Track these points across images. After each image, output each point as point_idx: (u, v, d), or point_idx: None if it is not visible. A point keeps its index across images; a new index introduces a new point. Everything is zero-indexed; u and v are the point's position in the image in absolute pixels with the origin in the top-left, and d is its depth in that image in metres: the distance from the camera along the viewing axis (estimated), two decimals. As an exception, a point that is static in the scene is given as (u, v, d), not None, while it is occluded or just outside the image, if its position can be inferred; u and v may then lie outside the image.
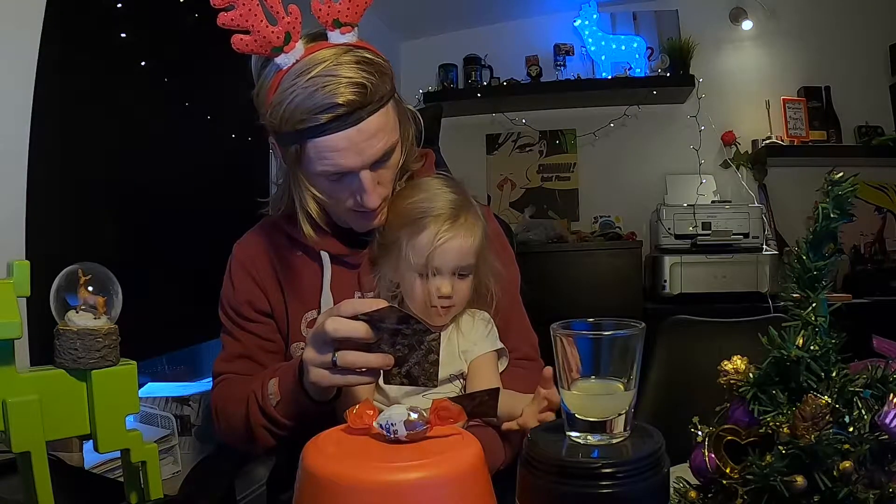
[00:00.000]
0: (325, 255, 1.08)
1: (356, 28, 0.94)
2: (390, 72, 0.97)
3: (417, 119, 1.08)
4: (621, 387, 0.61)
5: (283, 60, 0.91)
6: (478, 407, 0.75)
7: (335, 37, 0.93)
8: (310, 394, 0.92)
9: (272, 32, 0.90)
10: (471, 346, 1.05)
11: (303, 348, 1.08)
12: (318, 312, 1.07)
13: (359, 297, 1.09)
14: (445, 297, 1.01)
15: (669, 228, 2.87)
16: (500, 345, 1.07)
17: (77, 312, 0.75)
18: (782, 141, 3.05)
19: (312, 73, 0.89)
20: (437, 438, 0.61)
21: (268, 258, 1.11)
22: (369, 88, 0.90)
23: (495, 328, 1.09)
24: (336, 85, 0.89)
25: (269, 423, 0.98)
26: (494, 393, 0.76)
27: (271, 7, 0.90)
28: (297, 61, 0.91)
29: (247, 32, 0.89)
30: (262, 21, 0.89)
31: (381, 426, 0.60)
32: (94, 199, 1.55)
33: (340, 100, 0.88)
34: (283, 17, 0.90)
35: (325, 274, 1.08)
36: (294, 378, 0.93)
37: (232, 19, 0.88)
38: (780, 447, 0.54)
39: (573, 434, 0.62)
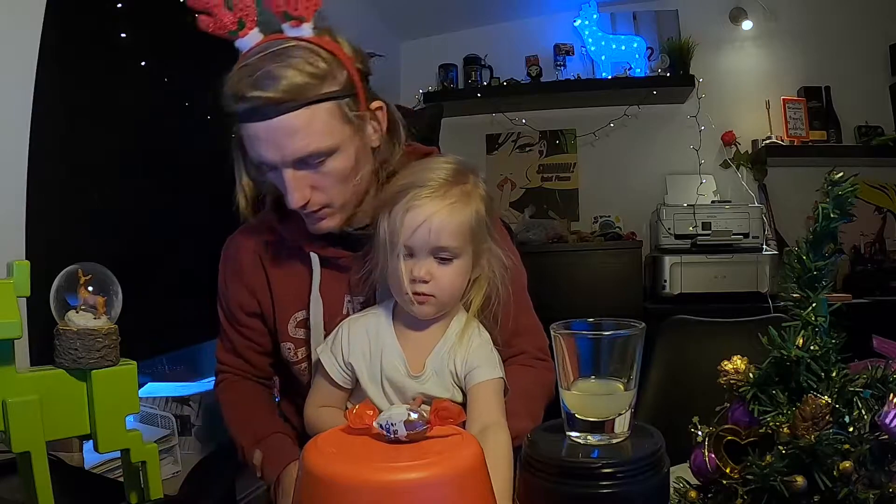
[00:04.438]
0: (314, 257, 1.05)
1: (308, 23, 0.94)
2: (338, 71, 0.93)
3: (399, 128, 1.05)
4: (621, 387, 0.61)
5: (240, 44, 0.94)
6: None
7: (288, 29, 0.94)
8: None
9: (227, 17, 0.94)
10: (474, 362, 0.94)
11: (289, 349, 1.08)
12: (307, 313, 1.06)
13: (348, 301, 1.07)
14: (421, 282, 0.89)
15: (669, 228, 2.87)
16: (502, 373, 0.96)
17: (77, 312, 0.75)
18: (782, 141, 3.05)
19: (246, 62, 0.90)
20: (437, 438, 0.61)
21: (258, 258, 1.10)
22: (289, 86, 0.88)
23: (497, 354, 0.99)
24: (254, 78, 0.88)
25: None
26: None
27: None
28: (252, 48, 0.92)
29: (209, 14, 0.94)
30: (220, 5, 0.94)
31: (381, 426, 0.60)
32: (93, 199, 1.55)
33: (249, 93, 0.88)
34: (237, 4, 0.94)
35: (315, 276, 1.05)
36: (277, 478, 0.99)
37: (197, 0, 0.93)
38: (780, 447, 0.54)
39: (573, 434, 0.62)
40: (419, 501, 0.52)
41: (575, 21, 3.17)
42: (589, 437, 0.61)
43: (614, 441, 0.60)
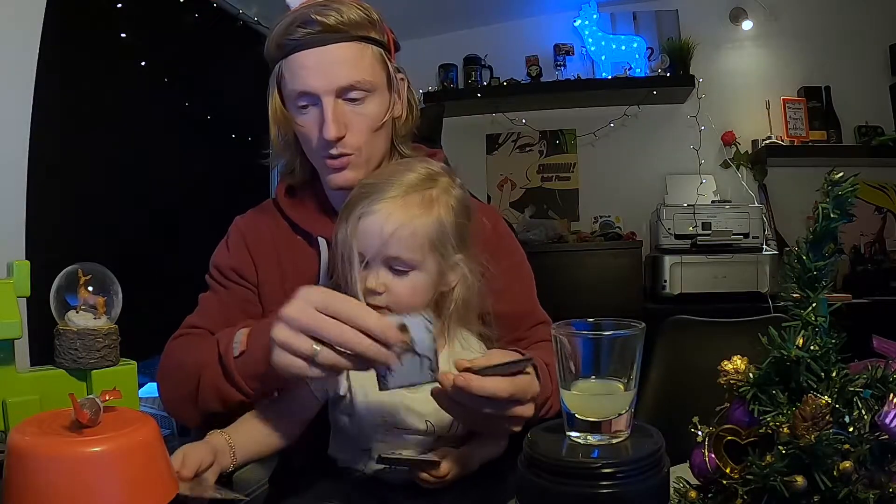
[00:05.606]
0: (322, 241, 1.07)
1: None
2: (381, 28, 1.03)
3: (415, 107, 1.11)
4: (621, 387, 0.61)
5: (291, 1, 1.00)
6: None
7: None
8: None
9: None
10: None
11: None
12: None
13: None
14: (374, 294, 0.84)
15: (669, 228, 2.87)
16: None
17: (77, 312, 0.75)
18: (782, 141, 3.05)
19: (308, 3, 0.97)
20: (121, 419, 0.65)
21: (269, 235, 1.11)
22: (348, 19, 0.96)
23: None
24: (319, 7, 0.96)
25: (224, 376, 0.87)
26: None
27: None
28: (302, 3, 0.98)
29: None
30: None
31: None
32: (93, 200, 1.55)
33: (316, 17, 0.95)
34: None
35: (322, 259, 1.06)
36: (268, 340, 0.78)
37: None
38: (780, 447, 0.54)
39: (573, 434, 0.62)
40: (100, 468, 0.60)
41: (575, 21, 3.18)
42: (589, 437, 0.61)
43: (614, 441, 0.60)
